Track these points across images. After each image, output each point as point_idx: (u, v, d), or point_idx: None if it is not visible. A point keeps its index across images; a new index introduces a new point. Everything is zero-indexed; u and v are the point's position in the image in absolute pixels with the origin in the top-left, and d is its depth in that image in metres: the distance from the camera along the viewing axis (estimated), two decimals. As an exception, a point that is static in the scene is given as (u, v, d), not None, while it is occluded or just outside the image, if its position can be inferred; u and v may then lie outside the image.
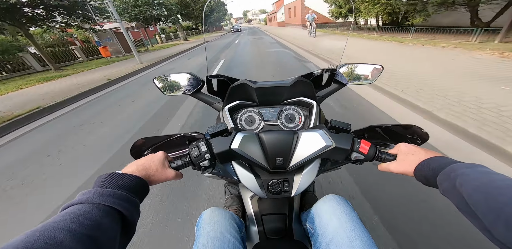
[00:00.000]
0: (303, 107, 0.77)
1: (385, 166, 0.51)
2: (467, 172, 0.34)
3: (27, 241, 0.24)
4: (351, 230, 0.51)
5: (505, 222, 0.26)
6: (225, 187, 1.13)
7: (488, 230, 0.28)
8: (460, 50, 5.38)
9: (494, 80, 3.08)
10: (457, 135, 2.08)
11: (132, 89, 5.12)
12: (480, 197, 0.29)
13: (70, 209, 0.31)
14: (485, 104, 2.41)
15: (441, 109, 2.40)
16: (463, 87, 2.97)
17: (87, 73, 7.64)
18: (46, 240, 0.25)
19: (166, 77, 0.80)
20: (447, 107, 2.43)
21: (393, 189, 1.54)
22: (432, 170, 0.40)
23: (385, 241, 1.19)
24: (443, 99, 2.65)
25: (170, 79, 0.80)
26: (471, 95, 2.68)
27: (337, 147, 0.51)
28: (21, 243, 0.24)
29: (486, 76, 3.31)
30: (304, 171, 0.60)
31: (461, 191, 0.32)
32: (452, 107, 2.43)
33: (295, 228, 0.72)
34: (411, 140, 0.63)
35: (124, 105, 3.94)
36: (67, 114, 3.86)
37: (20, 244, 0.24)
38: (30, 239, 0.24)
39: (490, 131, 1.90)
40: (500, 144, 1.73)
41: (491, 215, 0.28)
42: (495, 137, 1.82)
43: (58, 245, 0.25)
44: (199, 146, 0.52)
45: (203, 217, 0.62)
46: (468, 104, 2.45)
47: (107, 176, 0.40)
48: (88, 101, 4.53)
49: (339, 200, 0.60)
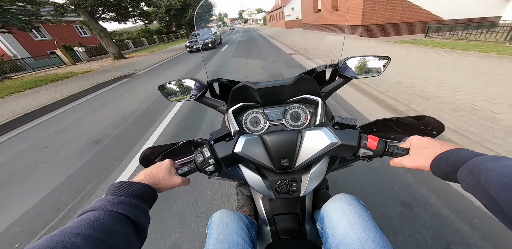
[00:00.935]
0: (308, 104, 0.75)
1: (397, 161, 0.48)
2: (492, 167, 0.31)
3: (47, 245, 0.27)
4: (362, 231, 0.49)
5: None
6: (237, 188, 1.15)
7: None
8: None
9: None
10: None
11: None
12: (510, 194, 0.27)
13: (85, 216, 0.34)
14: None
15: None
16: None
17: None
18: (64, 244, 0.27)
19: (170, 84, 0.81)
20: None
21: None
22: (451, 164, 0.37)
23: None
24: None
25: (174, 86, 0.82)
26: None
27: (343, 144, 0.50)
28: (41, 247, 0.27)
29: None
30: (312, 170, 0.59)
31: (487, 188, 0.29)
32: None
33: (308, 228, 0.71)
34: (426, 131, 0.59)
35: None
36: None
37: (41, 248, 0.26)
38: (49, 244, 0.27)
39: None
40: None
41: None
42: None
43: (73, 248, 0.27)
44: (203, 152, 0.53)
45: (213, 219, 0.63)
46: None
47: (118, 185, 0.42)
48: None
49: (349, 199, 0.58)
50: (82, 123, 3.57)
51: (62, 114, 4.27)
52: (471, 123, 2.07)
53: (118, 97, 4.88)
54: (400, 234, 1.20)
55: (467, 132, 1.92)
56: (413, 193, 1.47)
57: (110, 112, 3.93)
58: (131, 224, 0.37)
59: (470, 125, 2.03)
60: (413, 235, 1.19)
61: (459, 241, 1.13)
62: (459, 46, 5.74)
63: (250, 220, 0.69)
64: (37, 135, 3.35)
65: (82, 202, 1.77)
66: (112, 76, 7.07)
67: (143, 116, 3.49)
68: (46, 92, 5.92)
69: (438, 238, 1.16)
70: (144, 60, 9.01)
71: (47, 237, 0.28)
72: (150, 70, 7.93)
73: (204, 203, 1.60)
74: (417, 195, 1.44)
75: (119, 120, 3.45)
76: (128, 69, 8.29)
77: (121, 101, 4.51)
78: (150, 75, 7.01)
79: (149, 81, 6.14)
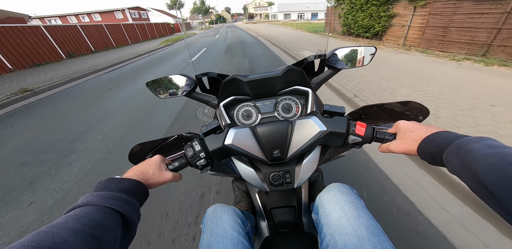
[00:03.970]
0: (299, 95, 0.75)
1: (385, 147, 0.48)
2: (477, 147, 0.30)
3: (33, 240, 0.26)
4: (355, 219, 0.49)
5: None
6: (233, 183, 1.14)
7: (508, 211, 0.25)
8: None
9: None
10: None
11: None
12: (496, 175, 0.26)
13: (73, 212, 0.33)
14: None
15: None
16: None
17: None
18: (51, 239, 0.26)
19: (158, 80, 0.80)
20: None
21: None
22: (436, 147, 0.37)
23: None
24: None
25: (163, 82, 0.81)
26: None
27: (332, 131, 0.50)
28: (27, 242, 0.25)
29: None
30: (304, 161, 0.59)
31: (473, 169, 0.29)
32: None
33: (305, 220, 0.71)
34: (413, 116, 0.60)
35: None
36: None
37: (27, 243, 0.25)
38: (36, 239, 0.26)
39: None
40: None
41: (511, 194, 0.25)
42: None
43: (62, 243, 0.26)
44: (193, 146, 0.52)
45: (207, 214, 0.63)
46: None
47: (107, 181, 0.41)
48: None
49: (342, 188, 0.59)
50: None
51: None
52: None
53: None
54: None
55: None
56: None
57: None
58: (121, 219, 0.36)
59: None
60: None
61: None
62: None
63: (246, 214, 0.69)
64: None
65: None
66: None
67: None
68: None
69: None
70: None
71: (33, 233, 0.27)
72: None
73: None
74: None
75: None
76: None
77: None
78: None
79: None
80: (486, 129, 1.99)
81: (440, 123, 2.15)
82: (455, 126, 2.08)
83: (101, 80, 5.67)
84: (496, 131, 1.93)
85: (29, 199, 1.66)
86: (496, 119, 2.14)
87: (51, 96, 4.57)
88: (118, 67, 7.21)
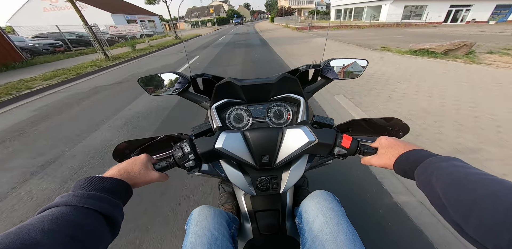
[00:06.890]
0: (291, 103, 0.77)
1: (367, 159, 0.51)
2: (443, 166, 0.34)
3: (1, 242, 0.24)
4: (335, 226, 0.52)
5: (477, 217, 0.26)
6: (219, 185, 1.14)
7: (459, 224, 0.28)
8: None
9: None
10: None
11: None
12: (454, 191, 0.30)
13: (47, 212, 0.31)
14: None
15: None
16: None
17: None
18: (22, 241, 0.25)
19: (150, 77, 0.79)
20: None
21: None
22: (410, 163, 0.40)
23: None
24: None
25: (155, 79, 0.79)
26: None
27: (320, 142, 0.51)
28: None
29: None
30: (291, 167, 0.61)
31: (436, 185, 0.32)
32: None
33: (288, 224, 0.73)
34: (394, 132, 0.64)
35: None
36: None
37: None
38: (4, 241, 0.24)
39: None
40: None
41: (463, 209, 0.27)
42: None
43: (34, 245, 0.25)
44: (183, 147, 0.52)
45: (192, 215, 0.62)
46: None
47: (87, 180, 0.39)
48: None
49: (325, 196, 0.61)
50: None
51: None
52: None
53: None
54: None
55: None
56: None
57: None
58: (103, 219, 0.35)
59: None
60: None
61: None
62: None
63: (231, 216, 0.70)
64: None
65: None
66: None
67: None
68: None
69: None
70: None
71: (1, 235, 0.25)
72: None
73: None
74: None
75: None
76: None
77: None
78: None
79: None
80: None
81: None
82: None
83: None
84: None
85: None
86: None
87: None
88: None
